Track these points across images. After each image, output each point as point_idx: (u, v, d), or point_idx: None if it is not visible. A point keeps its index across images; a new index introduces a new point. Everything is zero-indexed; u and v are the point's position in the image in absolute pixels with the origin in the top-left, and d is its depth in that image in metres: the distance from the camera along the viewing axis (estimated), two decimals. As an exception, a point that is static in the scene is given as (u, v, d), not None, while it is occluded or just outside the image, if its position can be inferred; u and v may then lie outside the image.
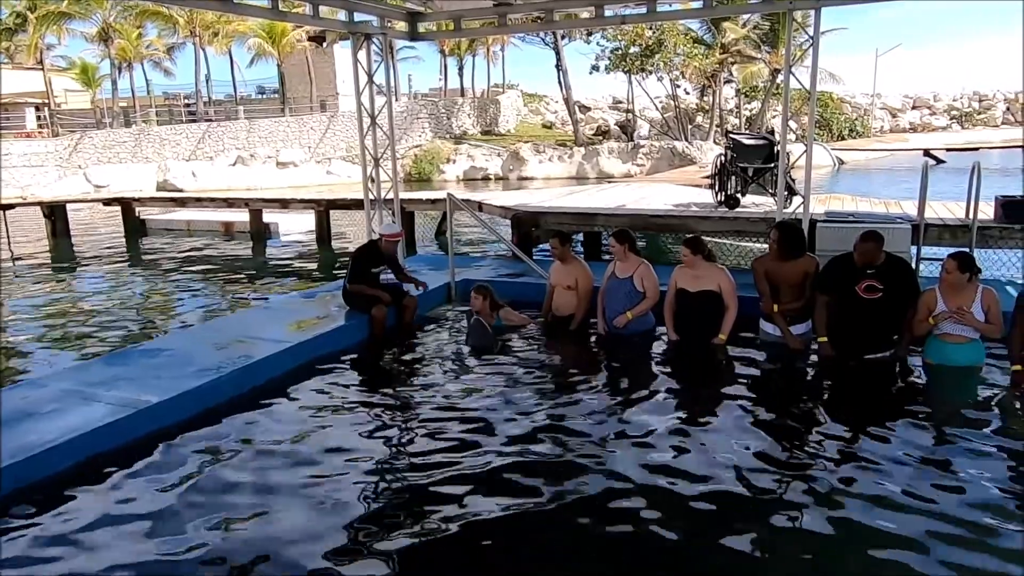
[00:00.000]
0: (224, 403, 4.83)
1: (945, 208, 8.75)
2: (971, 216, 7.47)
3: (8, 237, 15.30)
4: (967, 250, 5.87)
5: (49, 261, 14.20)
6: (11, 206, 16.24)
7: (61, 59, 44.04)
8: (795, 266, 5.48)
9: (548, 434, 4.32)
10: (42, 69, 38.74)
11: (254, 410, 4.79)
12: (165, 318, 9.41)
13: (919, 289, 5.18)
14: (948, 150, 30.68)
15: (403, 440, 4.41)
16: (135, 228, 16.64)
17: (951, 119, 52.75)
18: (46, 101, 38.47)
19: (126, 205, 16.82)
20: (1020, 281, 7.05)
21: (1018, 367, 4.71)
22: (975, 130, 48.28)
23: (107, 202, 17.68)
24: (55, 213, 16.45)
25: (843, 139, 40.78)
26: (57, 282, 11.98)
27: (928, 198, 7.72)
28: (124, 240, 16.05)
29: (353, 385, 5.45)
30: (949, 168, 24.17)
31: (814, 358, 5.46)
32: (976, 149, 30.51)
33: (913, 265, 6.86)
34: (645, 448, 4.11)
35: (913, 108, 54.35)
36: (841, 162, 30.84)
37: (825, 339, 5.26)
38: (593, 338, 6.15)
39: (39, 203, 17.13)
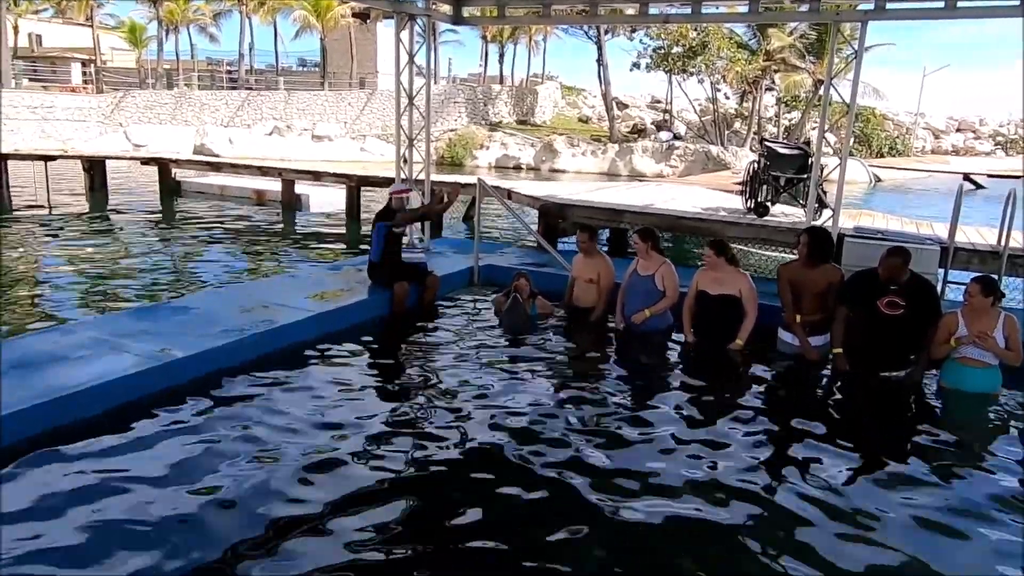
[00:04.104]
0: (245, 364, 4.95)
1: (977, 233, 8.64)
2: (1003, 243, 7.38)
3: (48, 188, 15.68)
4: (992, 275, 5.82)
5: (86, 213, 14.52)
6: (53, 158, 16.62)
7: (110, 17, 44.87)
8: (820, 275, 5.47)
9: (557, 425, 4.37)
10: (91, 26, 39.42)
11: (272, 374, 4.91)
12: (193, 277, 9.62)
13: (941, 311, 5.15)
14: (989, 176, 29.99)
15: (411, 418, 4.49)
16: (170, 189, 16.97)
17: (996, 145, 51.62)
18: (93, 58, 39.13)
19: (163, 165, 17.14)
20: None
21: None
22: (1020, 158, 47.18)
23: (145, 161, 18.03)
24: (94, 168, 16.82)
25: (882, 156, 40.09)
26: (91, 234, 12.26)
27: (962, 223, 7.64)
28: (159, 199, 16.37)
29: (370, 358, 5.55)
30: (988, 195, 23.71)
31: (830, 371, 5.46)
32: (1019, 177, 29.83)
33: (939, 288, 6.81)
34: (651, 448, 4.15)
35: (957, 131, 53.29)
36: (878, 179, 30.34)
37: (840, 351, 5.26)
38: (611, 333, 6.20)
39: (80, 157, 17.51)
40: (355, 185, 14.45)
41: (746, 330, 5.68)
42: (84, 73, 38.78)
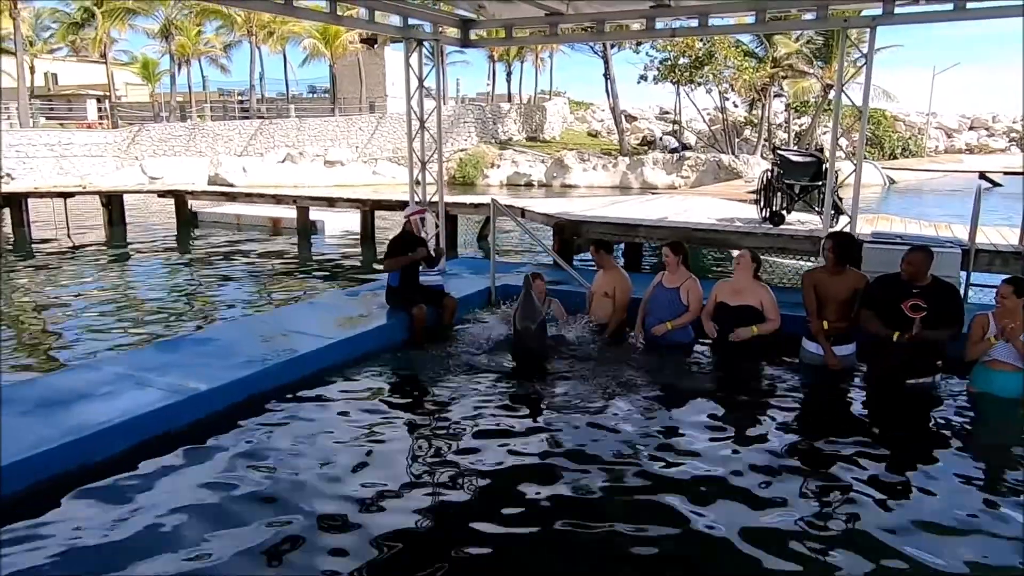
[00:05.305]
0: (267, 394, 4.97)
1: (998, 234, 8.53)
2: (1025, 243, 7.30)
3: (68, 224, 15.93)
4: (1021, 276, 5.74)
5: (106, 247, 14.71)
6: (71, 194, 16.88)
7: (123, 53, 45.71)
8: (845, 281, 5.43)
9: (577, 444, 4.36)
10: (105, 63, 40.12)
11: (295, 404, 4.93)
12: (213, 309, 9.69)
13: (963, 315, 5.08)
14: (1005, 173, 29.68)
15: (433, 440, 4.50)
16: (187, 220, 17.14)
17: (1010, 141, 51.13)
18: (107, 93, 39.83)
19: (179, 197, 17.34)
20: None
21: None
22: (1034, 154, 46.70)
23: (161, 194, 18.24)
24: (112, 202, 17.05)
25: (895, 158, 39.85)
26: (112, 269, 12.42)
27: (981, 222, 7.55)
28: (176, 231, 16.55)
29: (391, 383, 5.58)
30: (1006, 192, 23.51)
31: (855, 381, 5.42)
32: (1035, 173, 29.50)
33: (962, 291, 6.72)
34: (671, 462, 4.13)
35: (970, 129, 52.89)
36: (892, 181, 30.16)
37: (898, 332, 5.03)
38: (629, 347, 6.16)
39: (98, 192, 17.77)
40: (369, 209, 14.56)
41: (766, 327, 5.62)
42: (99, 109, 39.44)
